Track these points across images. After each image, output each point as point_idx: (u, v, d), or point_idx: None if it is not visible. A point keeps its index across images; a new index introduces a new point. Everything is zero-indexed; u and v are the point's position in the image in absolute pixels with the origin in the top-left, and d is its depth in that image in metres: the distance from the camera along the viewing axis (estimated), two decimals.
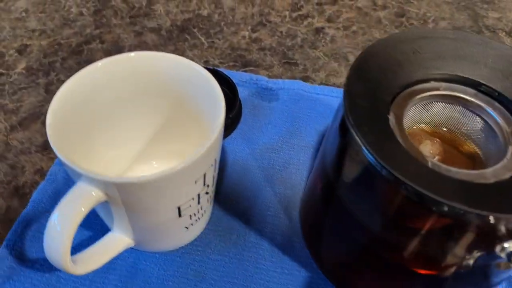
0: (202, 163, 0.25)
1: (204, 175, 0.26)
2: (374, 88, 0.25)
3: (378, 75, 0.25)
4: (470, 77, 0.27)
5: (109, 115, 0.30)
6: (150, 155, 0.34)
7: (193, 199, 0.27)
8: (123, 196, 0.25)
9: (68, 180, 0.35)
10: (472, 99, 0.27)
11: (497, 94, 0.26)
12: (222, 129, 0.26)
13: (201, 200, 0.28)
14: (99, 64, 0.28)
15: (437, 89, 0.27)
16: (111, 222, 0.29)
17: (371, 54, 0.26)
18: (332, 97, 0.44)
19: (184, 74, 0.29)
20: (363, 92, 0.24)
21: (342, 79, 0.46)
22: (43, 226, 0.33)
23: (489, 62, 0.27)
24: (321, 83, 0.45)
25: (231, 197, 0.35)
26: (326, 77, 0.46)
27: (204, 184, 0.27)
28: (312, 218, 0.33)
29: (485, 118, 0.27)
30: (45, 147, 0.38)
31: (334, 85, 0.45)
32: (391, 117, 0.24)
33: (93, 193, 0.24)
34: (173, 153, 0.34)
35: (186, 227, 0.30)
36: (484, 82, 0.27)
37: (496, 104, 0.26)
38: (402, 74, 0.26)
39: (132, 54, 0.28)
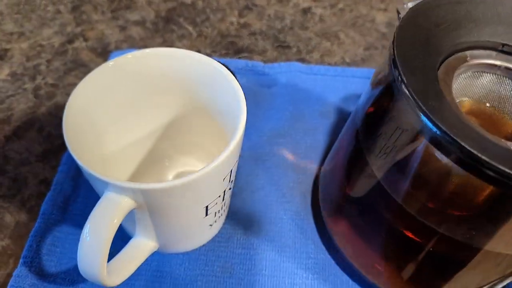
0: (230, 161, 0.24)
1: (231, 172, 0.26)
2: (414, 69, 0.23)
3: (413, 56, 0.23)
4: (491, 40, 0.25)
5: (121, 115, 0.29)
6: (161, 153, 0.33)
7: (219, 196, 0.27)
8: (151, 202, 0.24)
9: (76, 188, 0.34)
10: (499, 63, 0.26)
11: None
12: (244, 125, 0.25)
13: (225, 196, 0.28)
14: (110, 63, 0.26)
15: (465, 60, 0.26)
16: (133, 227, 0.28)
17: (400, 37, 0.25)
18: (329, 76, 0.44)
19: (199, 71, 0.28)
20: (408, 72, 0.23)
21: (336, 58, 0.46)
22: (57, 238, 0.32)
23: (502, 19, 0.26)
24: (316, 64, 0.45)
25: (245, 188, 0.35)
26: (321, 57, 0.46)
27: (230, 181, 0.27)
28: (334, 201, 0.32)
29: None
30: (45, 155, 0.37)
31: (329, 64, 0.45)
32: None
33: (123, 202, 0.23)
34: (185, 151, 0.34)
35: (210, 225, 0.29)
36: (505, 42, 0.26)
37: None
38: (431, 51, 0.24)
39: (147, 50, 0.27)
